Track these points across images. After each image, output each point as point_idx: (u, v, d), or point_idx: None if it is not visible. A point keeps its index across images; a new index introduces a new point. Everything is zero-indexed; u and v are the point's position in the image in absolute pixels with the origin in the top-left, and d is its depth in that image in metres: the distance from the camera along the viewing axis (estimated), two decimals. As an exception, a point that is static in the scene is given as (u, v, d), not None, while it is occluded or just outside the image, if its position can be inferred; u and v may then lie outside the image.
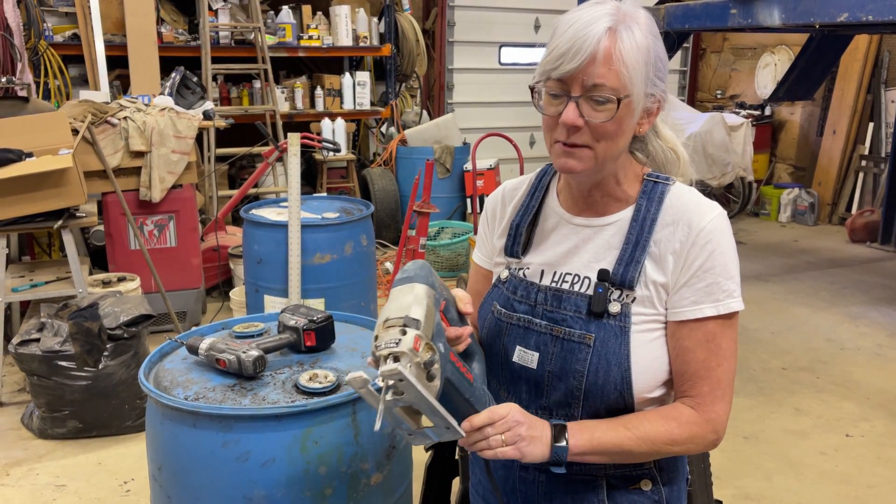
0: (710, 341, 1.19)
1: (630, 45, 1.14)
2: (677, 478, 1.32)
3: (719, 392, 1.20)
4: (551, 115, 1.18)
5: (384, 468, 1.68)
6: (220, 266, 4.93)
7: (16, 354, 3.21)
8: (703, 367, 1.19)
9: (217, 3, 5.91)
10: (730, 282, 1.20)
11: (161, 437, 1.61)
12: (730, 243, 1.21)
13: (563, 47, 1.14)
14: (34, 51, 5.20)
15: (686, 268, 1.20)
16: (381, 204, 6.24)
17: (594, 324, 1.21)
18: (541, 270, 1.30)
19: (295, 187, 3.42)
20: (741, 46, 8.73)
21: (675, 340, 1.21)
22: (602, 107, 1.14)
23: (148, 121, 4.17)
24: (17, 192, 3.44)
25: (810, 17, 4.06)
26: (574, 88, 1.15)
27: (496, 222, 1.41)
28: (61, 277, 3.82)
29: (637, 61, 1.15)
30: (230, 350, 1.66)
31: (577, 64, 1.12)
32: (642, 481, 1.27)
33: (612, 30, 1.13)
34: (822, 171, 7.70)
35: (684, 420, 1.19)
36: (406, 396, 1.00)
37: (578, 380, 1.21)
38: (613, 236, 1.25)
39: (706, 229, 1.19)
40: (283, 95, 6.33)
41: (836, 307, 5.06)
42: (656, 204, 1.24)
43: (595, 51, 1.12)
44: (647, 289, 1.21)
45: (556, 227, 1.32)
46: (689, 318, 1.19)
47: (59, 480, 2.98)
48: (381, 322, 1.06)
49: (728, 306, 1.19)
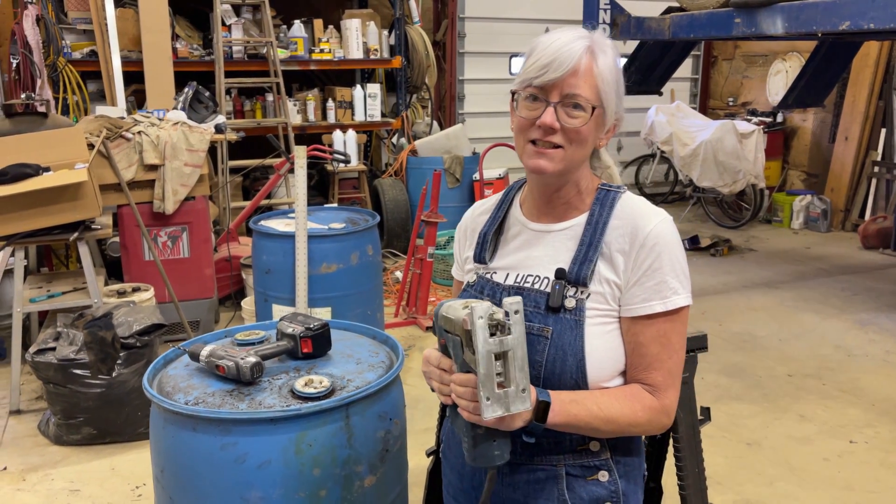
0: (661, 336, 1.32)
1: (605, 65, 1.32)
2: (633, 471, 1.42)
3: (671, 381, 1.33)
4: (526, 118, 1.33)
5: (377, 471, 1.74)
6: (232, 276, 5.03)
7: (32, 363, 3.31)
8: (656, 360, 1.32)
9: (230, 18, 6.04)
10: (675, 280, 1.32)
11: (163, 440, 1.68)
12: (676, 245, 1.34)
13: (546, 59, 1.29)
14: (53, 67, 5.34)
15: (636, 268, 1.32)
16: (392, 214, 6.32)
17: (552, 318, 1.33)
18: (506, 273, 1.43)
19: (302, 198, 3.50)
20: (752, 54, 8.73)
21: (630, 336, 1.33)
22: (577, 112, 1.30)
23: (161, 135, 4.28)
24: (35, 205, 3.55)
25: (813, 25, 4.08)
26: (553, 95, 1.30)
27: (465, 237, 1.57)
28: (77, 288, 3.93)
29: (610, 80, 1.33)
30: (229, 357, 1.72)
31: (559, 74, 1.28)
32: (599, 472, 1.37)
33: (591, 49, 1.31)
34: (835, 178, 7.67)
35: (646, 405, 1.32)
36: (513, 335, 1.13)
37: (538, 369, 1.32)
38: (570, 239, 1.38)
39: (652, 233, 1.32)
40: (295, 108, 6.44)
41: (845, 314, 5.05)
42: (608, 209, 1.37)
43: (577, 65, 1.29)
44: (601, 285, 1.33)
45: (518, 234, 1.46)
46: (640, 314, 1.32)
47: (74, 485, 3.07)
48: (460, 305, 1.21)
49: (674, 302, 1.31)
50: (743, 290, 5.62)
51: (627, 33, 5.23)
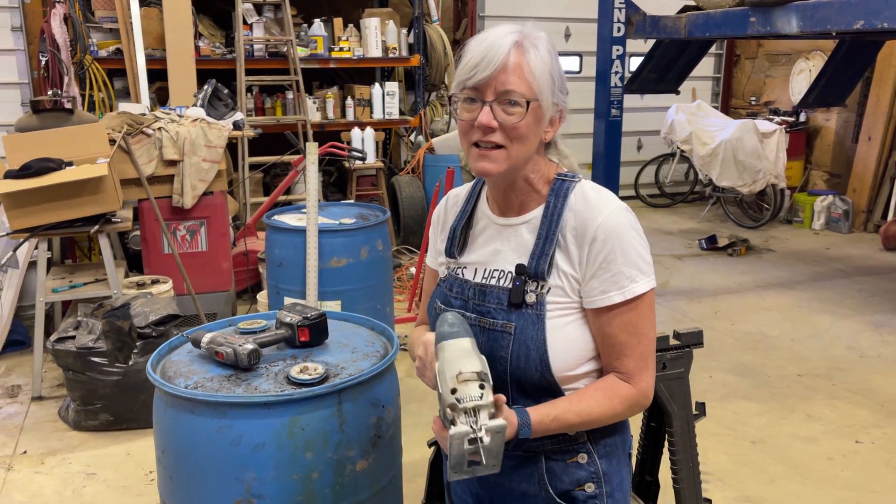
0: (627, 324, 1.34)
1: (535, 59, 1.31)
2: (615, 451, 1.45)
3: (643, 364, 1.36)
4: (466, 121, 1.34)
5: (369, 456, 1.80)
6: (249, 270, 5.13)
7: (53, 350, 3.43)
8: (626, 347, 1.35)
9: (252, 17, 6.15)
10: (632, 269, 1.33)
11: (164, 422, 1.76)
12: (627, 234, 1.33)
13: (475, 59, 1.30)
14: (80, 65, 5.49)
15: (590, 262, 1.34)
16: (409, 211, 6.39)
17: (514, 314, 1.36)
18: (474, 269, 1.46)
19: (313, 194, 3.57)
20: (776, 52, 8.65)
21: (597, 327, 1.36)
22: (513, 109, 1.30)
23: (181, 131, 4.39)
24: (57, 198, 3.68)
25: (827, 24, 4.07)
26: (487, 94, 1.30)
27: (439, 227, 1.58)
28: (98, 279, 4.05)
29: (542, 72, 1.32)
30: (228, 343, 1.80)
31: (489, 72, 1.28)
32: (579, 455, 1.40)
33: (519, 44, 1.31)
34: (857, 178, 7.59)
35: (624, 395, 1.35)
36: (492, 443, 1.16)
37: (504, 365, 1.36)
38: (530, 232, 1.40)
39: (602, 226, 1.33)
40: (314, 105, 6.53)
41: (860, 315, 5.01)
42: (562, 200, 1.37)
43: (505, 61, 1.29)
44: (559, 279, 1.35)
45: (485, 229, 1.48)
46: (600, 305, 1.34)
47: (90, 469, 3.18)
48: (453, 374, 1.20)
49: (632, 291, 1.33)
50: (757, 290, 5.59)
51: (643, 32, 5.24)
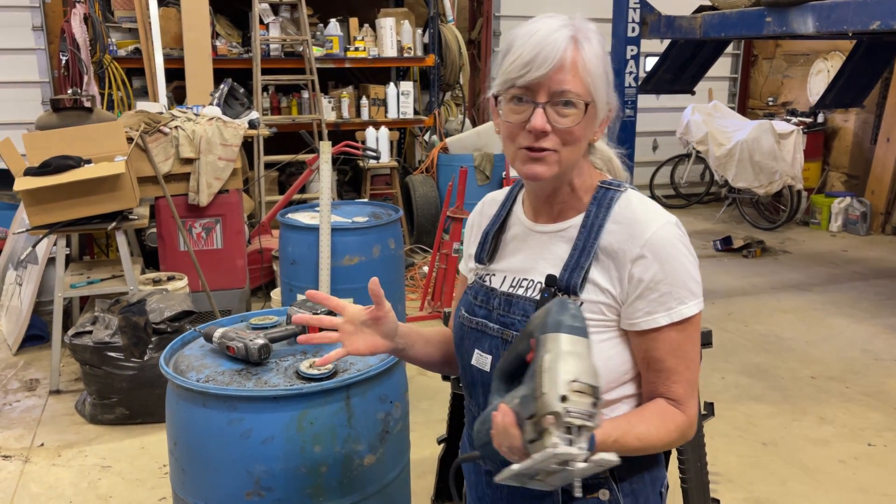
0: (676, 349, 1.23)
1: (591, 55, 1.19)
2: (642, 489, 1.32)
3: (692, 391, 1.25)
4: (515, 123, 1.21)
5: (377, 451, 1.82)
6: (264, 268, 5.18)
7: (70, 345, 3.49)
8: (675, 373, 1.23)
9: (268, 17, 6.20)
10: (681, 289, 1.21)
11: (176, 415, 1.79)
12: (679, 251, 1.22)
13: (527, 56, 1.16)
14: (100, 64, 5.56)
15: (636, 281, 1.21)
16: (422, 210, 6.41)
17: None
18: (503, 276, 1.34)
19: (326, 192, 3.61)
20: (794, 53, 8.59)
21: (641, 351, 1.24)
22: (567, 110, 1.18)
23: (197, 129, 4.44)
24: (75, 195, 3.73)
25: (843, 24, 4.04)
26: (540, 95, 1.18)
27: (473, 231, 1.46)
28: (116, 276, 4.11)
29: (598, 69, 1.20)
30: (239, 338, 1.83)
31: (545, 71, 1.16)
32: (600, 491, 1.28)
33: (574, 39, 1.18)
34: (876, 180, 7.51)
35: (678, 423, 1.23)
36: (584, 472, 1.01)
37: None
38: (565, 241, 1.28)
39: (650, 242, 1.21)
40: (329, 105, 6.57)
41: (876, 318, 4.97)
42: (605, 210, 1.26)
43: (562, 58, 1.16)
44: (595, 294, 1.23)
45: (518, 234, 1.36)
46: (645, 328, 1.22)
47: (105, 462, 3.23)
48: (568, 379, 1.01)
49: (680, 313, 1.21)
50: (772, 292, 5.56)
51: (658, 32, 5.22)
